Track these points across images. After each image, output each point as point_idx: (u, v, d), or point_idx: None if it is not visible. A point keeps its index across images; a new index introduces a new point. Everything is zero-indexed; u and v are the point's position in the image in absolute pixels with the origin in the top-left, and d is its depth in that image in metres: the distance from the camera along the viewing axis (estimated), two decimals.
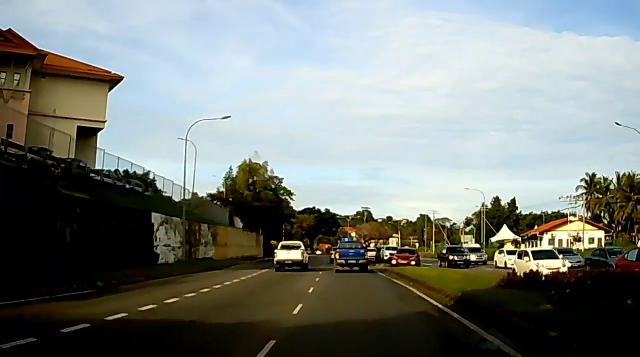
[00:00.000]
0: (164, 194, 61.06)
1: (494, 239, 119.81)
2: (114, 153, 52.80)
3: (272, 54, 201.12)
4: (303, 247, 42.87)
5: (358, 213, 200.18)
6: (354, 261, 40.20)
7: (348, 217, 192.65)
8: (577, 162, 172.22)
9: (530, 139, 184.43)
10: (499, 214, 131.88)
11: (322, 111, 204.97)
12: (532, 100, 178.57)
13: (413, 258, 47.49)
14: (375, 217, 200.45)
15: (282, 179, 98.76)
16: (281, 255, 40.05)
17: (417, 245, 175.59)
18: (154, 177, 60.10)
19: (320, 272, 38.61)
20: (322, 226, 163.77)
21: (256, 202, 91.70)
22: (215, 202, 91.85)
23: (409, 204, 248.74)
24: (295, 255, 39.70)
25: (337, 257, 41.72)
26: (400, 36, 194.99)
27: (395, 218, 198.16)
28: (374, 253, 72.43)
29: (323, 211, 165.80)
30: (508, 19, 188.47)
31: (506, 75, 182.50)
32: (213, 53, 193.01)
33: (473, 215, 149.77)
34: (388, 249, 62.65)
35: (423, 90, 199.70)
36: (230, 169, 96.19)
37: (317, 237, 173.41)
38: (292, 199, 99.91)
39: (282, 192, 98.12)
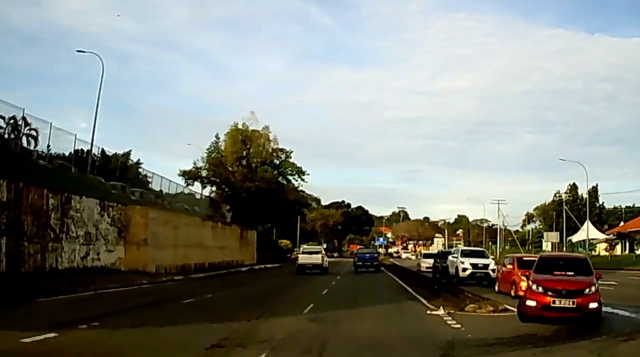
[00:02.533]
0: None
1: (574, 238, 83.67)
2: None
3: (304, 56, 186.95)
4: (323, 252, 41.84)
5: (393, 213, 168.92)
6: (369, 263, 42.46)
7: (383, 217, 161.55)
8: (608, 164, 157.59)
9: (562, 141, 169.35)
10: (576, 206, 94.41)
11: (355, 113, 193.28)
12: (564, 101, 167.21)
13: (590, 290, 12.94)
14: (411, 218, 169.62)
15: (291, 151, 65.34)
16: (302, 259, 39.13)
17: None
18: None
19: None
20: (352, 224, 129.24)
21: (247, 182, 58.50)
22: (188, 181, 59.24)
23: (444, 206, 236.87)
24: (316, 259, 38.39)
25: (356, 259, 44.19)
26: (432, 38, 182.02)
27: (432, 219, 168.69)
28: (429, 262, 38.34)
29: (354, 206, 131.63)
30: (539, 21, 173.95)
31: (538, 76, 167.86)
32: (245, 55, 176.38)
33: (534, 210, 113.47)
34: (466, 254, 26.83)
35: (455, 92, 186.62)
36: (217, 137, 63.23)
37: (346, 236, 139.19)
38: (303, 179, 66.26)
39: (288, 169, 64.46)
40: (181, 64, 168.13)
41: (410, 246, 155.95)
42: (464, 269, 25.81)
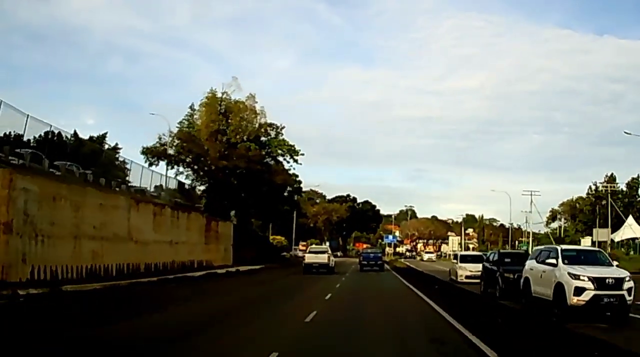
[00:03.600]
0: None
1: (617, 237, 69.71)
2: None
3: (313, 54, 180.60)
4: (330, 252, 41.19)
5: (401, 211, 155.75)
6: (373, 262, 43.40)
7: (390, 215, 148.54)
8: (616, 165, 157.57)
9: (570, 142, 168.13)
10: (614, 199, 79.35)
11: (363, 112, 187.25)
12: (572, 102, 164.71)
13: None
14: (418, 216, 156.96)
15: (282, 127, 51.87)
16: (309, 258, 38.27)
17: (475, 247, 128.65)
18: None
19: None
20: (358, 220, 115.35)
21: (223, 160, 45.21)
22: (150, 160, 46.10)
23: (451, 206, 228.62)
24: (322, 258, 37.70)
25: (361, 259, 45.17)
26: (441, 37, 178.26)
27: (439, 218, 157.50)
28: (473, 269, 25.06)
29: (360, 201, 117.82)
30: (547, 21, 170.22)
31: (546, 77, 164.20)
32: (253, 53, 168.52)
33: (560, 206, 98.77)
34: (573, 259, 12.92)
35: (464, 92, 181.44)
36: (191, 108, 49.93)
37: (352, 234, 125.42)
38: (296, 160, 52.74)
39: (277, 148, 51.03)
40: (189, 61, 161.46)
41: (419, 245, 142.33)
42: (580, 290, 12.16)
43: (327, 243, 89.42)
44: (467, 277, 25.32)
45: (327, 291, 20.82)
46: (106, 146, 50.12)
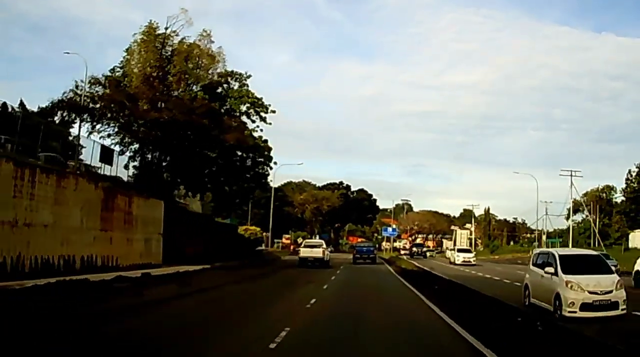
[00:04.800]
0: None
1: None
2: None
3: (313, 49, 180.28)
4: (325, 246, 41.69)
5: (397, 206, 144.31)
6: (366, 255, 47.20)
7: (386, 209, 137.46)
8: (615, 163, 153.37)
9: (569, 138, 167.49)
10: None
11: (362, 107, 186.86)
12: (571, 98, 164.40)
13: None
14: (415, 210, 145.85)
15: (248, 76, 38.46)
16: (304, 252, 38.86)
17: (479, 243, 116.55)
18: None
19: None
20: (353, 210, 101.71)
21: (155, 111, 31.66)
22: (62, 116, 33.07)
23: (449, 201, 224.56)
24: (317, 253, 38.15)
25: (355, 252, 49.40)
26: (441, 32, 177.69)
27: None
28: (600, 286, 10.73)
29: (354, 189, 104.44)
30: (547, 17, 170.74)
31: (546, 73, 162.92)
32: (252, 48, 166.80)
33: (582, 196, 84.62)
34: None
35: (463, 87, 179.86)
36: (127, 52, 36.09)
37: (345, 226, 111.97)
38: (264, 119, 38.96)
39: (238, 98, 37.44)
40: None
41: (419, 240, 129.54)
42: None
43: (317, 236, 77.30)
44: (585, 306, 11.16)
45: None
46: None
